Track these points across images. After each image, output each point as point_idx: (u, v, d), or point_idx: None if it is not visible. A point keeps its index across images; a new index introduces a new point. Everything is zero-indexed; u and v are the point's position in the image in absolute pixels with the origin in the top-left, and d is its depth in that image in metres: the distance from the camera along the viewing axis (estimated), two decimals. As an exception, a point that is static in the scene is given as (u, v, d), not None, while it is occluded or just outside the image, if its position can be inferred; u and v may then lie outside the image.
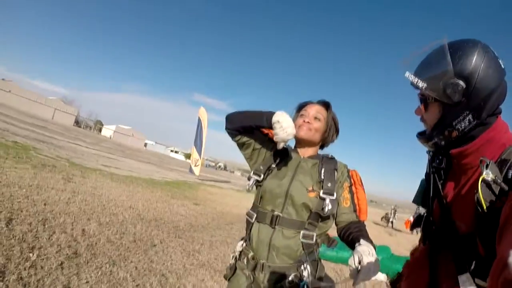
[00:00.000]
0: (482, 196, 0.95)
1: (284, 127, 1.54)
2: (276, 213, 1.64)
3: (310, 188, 1.64)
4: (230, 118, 1.81)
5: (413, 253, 1.72)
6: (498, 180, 0.96)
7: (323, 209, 1.58)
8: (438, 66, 1.16)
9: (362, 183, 1.79)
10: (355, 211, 1.69)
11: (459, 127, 1.16)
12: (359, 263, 1.27)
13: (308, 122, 1.76)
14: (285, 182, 1.68)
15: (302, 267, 1.56)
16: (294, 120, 1.78)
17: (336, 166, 1.73)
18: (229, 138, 1.83)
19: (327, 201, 1.58)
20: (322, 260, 1.74)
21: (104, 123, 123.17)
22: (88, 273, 3.20)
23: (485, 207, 0.94)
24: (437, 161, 1.36)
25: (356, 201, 1.72)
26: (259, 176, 1.75)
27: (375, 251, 1.32)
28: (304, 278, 1.54)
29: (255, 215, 1.71)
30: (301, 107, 1.87)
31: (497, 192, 0.95)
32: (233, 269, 1.77)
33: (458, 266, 1.12)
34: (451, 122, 1.17)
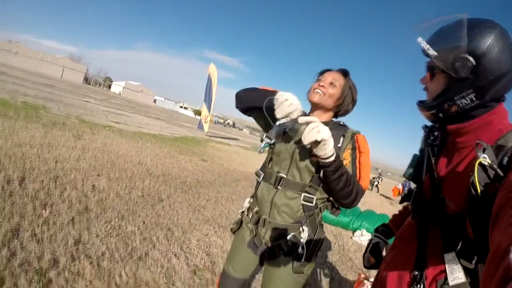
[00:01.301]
0: (478, 180, 0.95)
1: (294, 104, 1.61)
2: (281, 174, 1.71)
3: (314, 153, 1.63)
4: (238, 97, 1.88)
5: (401, 211, 1.79)
6: (494, 166, 0.95)
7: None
8: (452, 39, 1.14)
9: (367, 148, 1.74)
10: (354, 175, 1.65)
11: (460, 103, 1.16)
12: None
13: (323, 86, 1.75)
14: (291, 145, 1.73)
15: (301, 229, 1.63)
16: (313, 83, 1.83)
17: (345, 133, 1.72)
18: None
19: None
20: (323, 222, 1.81)
21: (113, 79, 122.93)
22: (98, 227, 3.38)
23: (479, 191, 0.95)
24: (432, 137, 1.39)
25: (357, 165, 1.68)
26: (271, 139, 1.73)
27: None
28: (301, 240, 1.62)
29: (263, 175, 1.81)
30: (321, 73, 1.85)
31: (492, 177, 0.95)
32: (239, 223, 1.89)
33: (445, 244, 1.15)
34: (453, 96, 1.16)
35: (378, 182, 23.66)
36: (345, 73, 1.81)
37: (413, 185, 1.53)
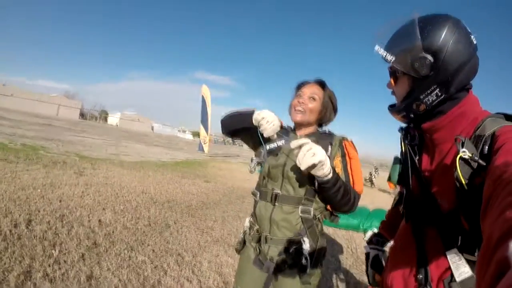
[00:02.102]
0: (461, 174, 0.97)
1: (270, 121, 1.66)
2: (275, 191, 1.74)
3: None
4: (223, 124, 1.97)
5: (389, 211, 1.80)
6: (476, 158, 0.97)
7: (315, 184, 1.63)
8: (407, 40, 1.16)
9: (356, 153, 1.79)
10: (347, 181, 1.68)
11: (427, 100, 1.17)
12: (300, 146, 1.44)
13: (303, 103, 1.79)
14: (281, 162, 1.77)
15: (302, 240, 1.66)
16: (292, 100, 1.88)
17: (332, 140, 1.77)
18: None
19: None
20: (333, 227, 1.83)
21: (109, 112, 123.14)
22: (108, 261, 3.40)
23: (465, 184, 0.96)
24: (409, 137, 1.39)
25: (349, 171, 1.72)
26: (260, 159, 1.88)
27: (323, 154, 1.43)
28: (304, 251, 1.64)
29: (259, 194, 1.84)
30: (299, 86, 1.90)
31: (475, 168, 0.97)
32: (243, 243, 1.93)
33: (445, 242, 1.15)
34: (419, 95, 1.18)
35: (374, 177, 23.40)
36: (322, 84, 1.87)
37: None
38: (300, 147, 1.43)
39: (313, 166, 1.40)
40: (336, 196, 1.56)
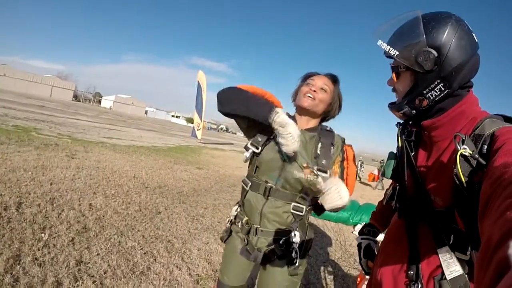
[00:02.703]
0: (461, 171, 0.96)
1: (295, 139, 1.51)
2: (269, 184, 1.70)
3: (305, 165, 1.65)
4: (221, 100, 1.71)
5: (380, 203, 1.80)
6: (476, 155, 0.96)
7: (315, 185, 1.61)
8: (411, 36, 1.15)
9: (354, 159, 1.78)
10: None
11: (430, 95, 1.17)
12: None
13: (315, 91, 1.73)
14: (280, 156, 1.68)
15: (293, 234, 1.65)
16: (299, 88, 1.83)
17: (333, 141, 1.72)
18: None
19: (319, 179, 1.60)
20: (323, 220, 1.83)
21: (103, 94, 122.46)
22: (98, 246, 3.41)
23: (464, 182, 0.96)
24: (406, 133, 1.39)
25: (345, 176, 1.71)
26: (257, 148, 1.72)
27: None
28: (294, 244, 1.64)
29: (250, 184, 1.77)
30: (307, 76, 1.83)
31: (474, 166, 0.97)
32: (229, 232, 1.91)
33: (437, 240, 1.17)
34: (422, 90, 1.17)
35: (361, 171, 23.55)
36: (334, 79, 1.82)
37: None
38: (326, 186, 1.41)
39: (336, 207, 1.40)
40: None
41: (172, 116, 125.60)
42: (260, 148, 1.72)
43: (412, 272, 1.20)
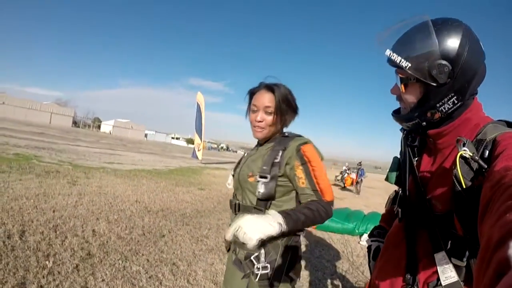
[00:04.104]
0: (461, 172, 0.95)
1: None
2: (237, 201, 1.78)
3: (250, 174, 1.70)
4: None
5: (387, 209, 1.76)
6: (476, 157, 0.95)
7: (255, 192, 1.64)
8: (423, 46, 1.09)
9: (317, 158, 1.69)
10: (315, 190, 1.61)
11: (443, 109, 1.13)
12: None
13: (260, 121, 1.73)
14: (237, 172, 1.84)
15: (260, 251, 1.62)
16: (248, 108, 1.82)
17: (286, 145, 1.68)
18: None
19: (259, 184, 1.62)
20: (328, 232, 1.79)
21: (102, 119, 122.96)
22: (103, 272, 3.40)
23: (463, 184, 0.94)
24: (410, 139, 1.38)
25: (314, 180, 1.63)
26: (232, 172, 1.94)
27: (267, 220, 1.34)
28: (260, 262, 1.60)
29: (229, 205, 1.89)
30: (252, 94, 1.82)
31: (475, 169, 0.95)
32: (229, 244, 1.92)
33: (435, 245, 1.15)
34: (435, 103, 1.13)
35: (344, 176, 23.04)
36: (271, 89, 1.74)
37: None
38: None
39: (259, 240, 1.27)
40: (304, 226, 1.53)
41: (172, 138, 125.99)
42: (233, 172, 1.91)
43: (409, 276, 1.20)
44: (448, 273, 1.11)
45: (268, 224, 1.31)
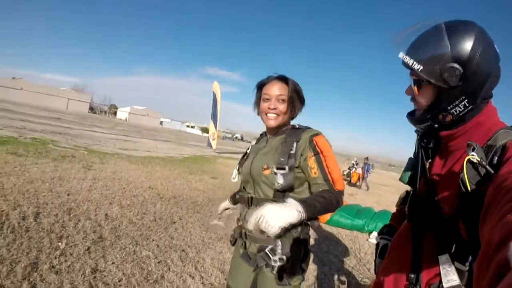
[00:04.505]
0: (467, 176, 0.95)
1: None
2: (250, 195, 1.78)
3: (265, 166, 1.70)
4: None
5: (397, 208, 1.76)
6: (484, 163, 0.95)
7: (274, 184, 1.64)
8: (434, 49, 1.10)
9: (329, 149, 1.70)
10: (327, 180, 1.63)
11: (454, 111, 1.14)
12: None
13: (274, 108, 1.74)
14: (247, 165, 1.82)
15: (275, 242, 1.64)
16: (257, 101, 1.85)
17: (298, 137, 1.70)
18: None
19: (278, 175, 1.62)
20: (337, 228, 1.78)
21: (118, 106, 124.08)
22: (113, 255, 3.47)
23: (469, 188, 0.95)
24: (425, 141, 1.37)
25: (326, 169, 1.65)
26: (236, 166, 1.96)
27: (287, 208, 1.32)
28: (278, 252, 1.62)
29: (239, 198, 1.92)
30: (261, 86, 1.84)
31: (482, 174, 0.95)
32: (235, 237, 1.96)
33: (440, 247, 1.16)
34: (446, 106, 1.14)
35: (350, 172, 22.67)
36: (285, 80, 1.78)
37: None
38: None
39: (281, 228, 1.26)
40: (319, 214, 1.52)
41: (187, 126, 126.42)
42: (238, 166, 1.93)
43: (412, 276, 1.21)
44: (450, 276, 1.12)
45: (289, 211, 1.31)
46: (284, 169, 1.62)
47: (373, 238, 6.56)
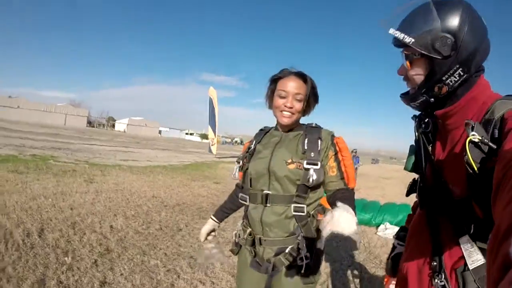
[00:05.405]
0: (472, 157, 0.94)
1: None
2: (265, 191, 1.67)
3: (289, 160, 1.64)
4: None
5: (414, 207, 1.70)
6: (486, 140, 0.94)
7: (308, 179, 1.58)
8: (424, 22, 1.12)
9: (347, 150, 1.72)
10: (342, 178, 1.65)
11: (449, 81, 1.13)
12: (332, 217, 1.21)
13: (291, 107, 1.68)
14: (265, 160, 1.70)
15: (298, 240, 1.60)
16: (268, 94, 1.79)
17: (320, 135, 1.68)
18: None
19: (311, 171, 1.58)
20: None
21: (116, 118, 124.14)
22: (121, 266, 3.42)
23: (476, 169, 0.94)
24: (423, 125, 1.35)
25: (343, 168, 1.66)
26: (239, 162, 1.83)
27: (353, 213, 1.27)
28: (301, 251, 1.57)
29: (248, 197, 1.75)
30: (277, 79, 1.76)
31: (486, 151, 0.94)
32: (239, 246, 1.86)
33: (457, 230, 1.14)
34: (441, 77, 1.14)
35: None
36: (303, 78, 1.72)
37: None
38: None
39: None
40: None
41: (186, 133, 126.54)
42: (241, 162, 1.82)
43: (435, 263, 1.18)
44: (474, 256, 1.08)
45: (351, 213, 1.25)
46: (316, 164, 1.60)
47: (381, 231, 6.59)
